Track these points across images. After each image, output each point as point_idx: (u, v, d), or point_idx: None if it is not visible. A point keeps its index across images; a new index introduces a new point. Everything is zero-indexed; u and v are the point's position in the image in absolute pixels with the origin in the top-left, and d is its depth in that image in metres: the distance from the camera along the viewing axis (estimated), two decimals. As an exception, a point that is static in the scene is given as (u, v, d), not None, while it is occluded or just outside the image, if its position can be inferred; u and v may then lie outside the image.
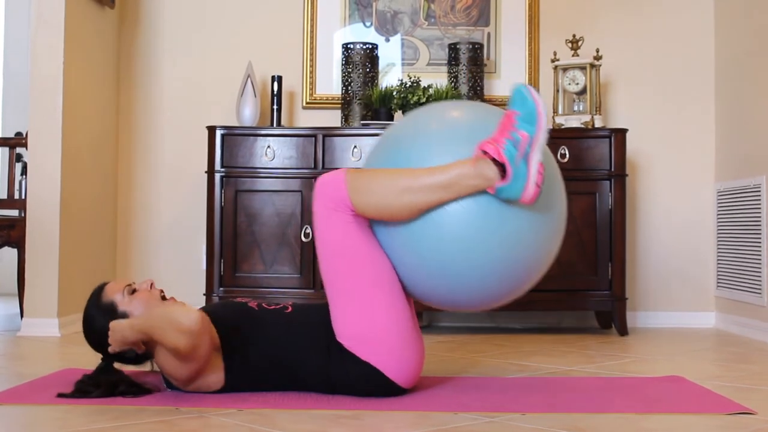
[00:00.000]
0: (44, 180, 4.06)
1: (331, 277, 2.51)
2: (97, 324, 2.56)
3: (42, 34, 4.10)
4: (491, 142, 2.35)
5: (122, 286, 2.61)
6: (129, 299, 2.58)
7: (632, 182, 4.74)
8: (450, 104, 2.95)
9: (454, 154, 2.43)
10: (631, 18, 4.85)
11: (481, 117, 2.62)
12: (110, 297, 2.59)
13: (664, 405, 2.46)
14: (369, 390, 2.52)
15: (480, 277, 2.45)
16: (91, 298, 2.62)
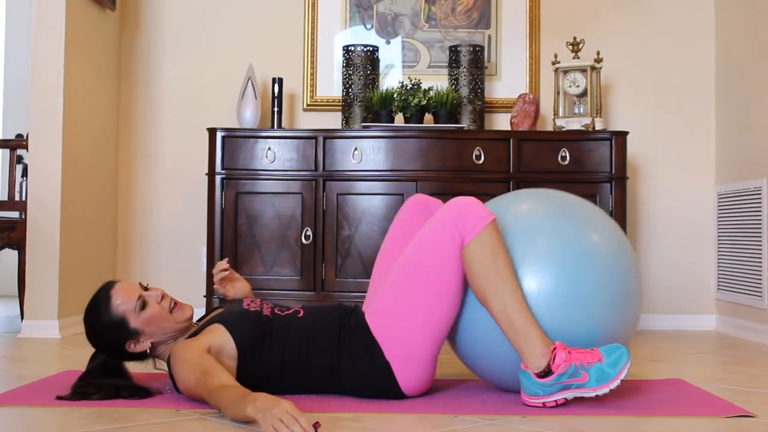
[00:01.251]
0: (45, 182, 4.06)
1: (404, 269, 2.53)
2: (110, 337, 2.55)
3: (42, 36, 4.10)
4: (569, 351, 2.37)
5: (133, 294, 2.55)
6: (139, 315, 2.53)
7: (633, 185, 4.74)
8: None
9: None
10: (631, 20, 4.85)
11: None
12: (121, 310, 2.53)
13: (664, 408, 2.46)
14: (374, 387, 2.53)
15: None
16: (101, 304, 2.55)
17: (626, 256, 2.61)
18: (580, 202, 2.71)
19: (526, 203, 2.68)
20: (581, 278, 2.47)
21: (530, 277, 2.47)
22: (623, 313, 2.55)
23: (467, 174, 4.24)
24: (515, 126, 4.49)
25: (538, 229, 2.56)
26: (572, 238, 2.54)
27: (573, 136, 4.32)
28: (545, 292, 2.45)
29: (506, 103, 4.77)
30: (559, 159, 4.25)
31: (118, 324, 2.53)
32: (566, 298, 2.45)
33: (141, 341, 2.56)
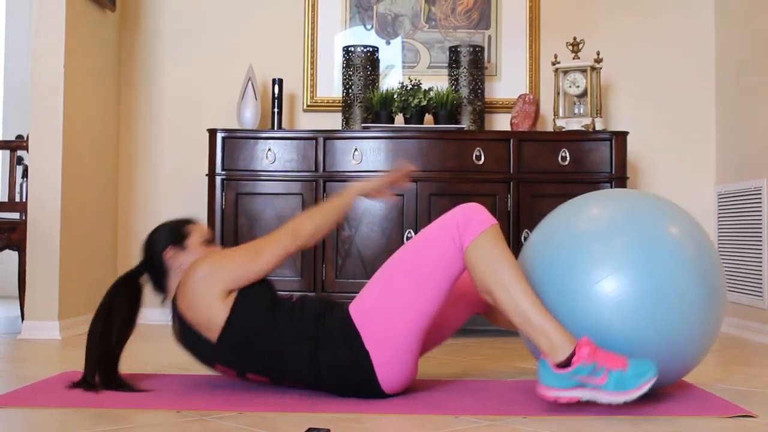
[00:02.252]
0: (45, 183, 4.06)
1: (398, 262, 2.56)
2: (159, 239, 2.75)
3: (42, 36, 4.10)
4: (595, 349, 2.33)
5: (206, 234, 2.77)
6: (200, 243, 2.73)
7: (633, 185, 4.74)
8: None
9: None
10: (631, 20, 4.85)
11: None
12: (193, 226, 2.77)
13: (665, 408, 2.46)
14: (352, 379, 2.52)
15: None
16: (179, 219, 2.81)
17: (709, 251, 2.56)
18: (654, 199, 2.67)
19: (595, 207, 2.64)
20: (665, 278, 2.42)
21: (611, 279, 2.41)
22: (710, 313, 2.51)
23: (467, 174, 4.24)
24: (515, 126, 4.49)
25: (614, 230, 2.51)
26: (652, 236, 2.49)
27: (573, 136, 4.32)
28: (627, 295, 2.40)
29: (506, 103, 4.77)
30: (559, 159, 4.25)
31: (180, 228, 2.76)
32: (650, 300, 2.40)
33: (180, 256, 2.70)
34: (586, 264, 2.45)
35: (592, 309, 2.41)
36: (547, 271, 2.53)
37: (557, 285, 2.48)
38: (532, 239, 2.71)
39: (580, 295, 2.43)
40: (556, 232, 2.61)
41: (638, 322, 2.39)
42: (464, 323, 2.90)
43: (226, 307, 2.55)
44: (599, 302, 2.41)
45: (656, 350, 2.40)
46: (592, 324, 2.41)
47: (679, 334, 2.44)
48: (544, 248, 2.60)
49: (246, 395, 2.58)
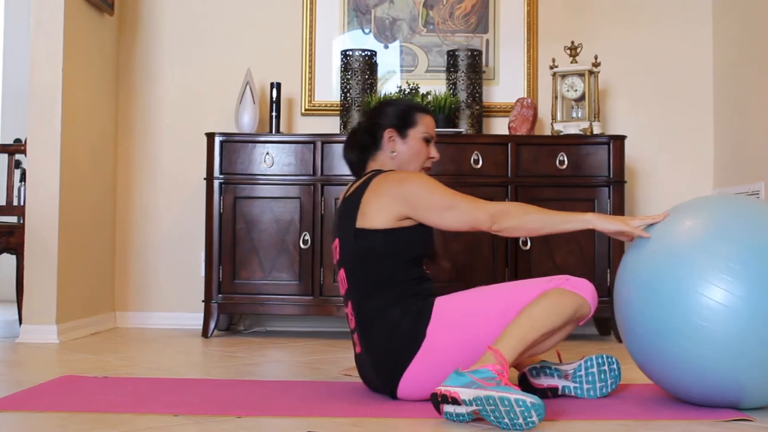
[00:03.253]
0: (43, 186, 4.06)
1: (497, 285, 2.69)
2: (387, 115, 2.80)
3: (41, 41, 4.10)
4: (504, 371, 2.30)
5: (430, 130, 2.80)
6: (416, 140, 2.77)
7: (631, 189, 4.74)
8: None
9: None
10: (629, 25, 4.86)
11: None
12: (418, 120, 2.79)
13: (663, 412, 2.46)
14: (385, 353, 2.57)
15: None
16: (413, 105, 2.89)
17: None
18: (752, 203, 2.61)
19: (690, 219, 2.56)
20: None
21: (720, 287, 2.32)
22: None
23: (466, 178, 4.24)
24: (513, 130, 4.50)
25: (720, 237, 2.42)
26: (754, 238, 2.40)
27: (571, 140, 4.32)
28: (734, 298, 2.31)
29: (504, 107, 4.77)
30: (557, 163, 4.26)
31: (409, 114, 2.79)
32: (758, 304, 2.30)
33: (397, 142, 2.77)
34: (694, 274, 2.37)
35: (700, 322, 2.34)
36: (651, 286, 2.46)
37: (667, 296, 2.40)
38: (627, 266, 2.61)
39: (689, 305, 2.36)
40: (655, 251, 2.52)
41: (749, 334, 2.31)
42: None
43: (390, 222, 2.60)
44: (706, 311, 2.33)
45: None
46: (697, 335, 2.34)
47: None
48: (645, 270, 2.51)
49: (244, 399, 2.58)
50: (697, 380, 2.42)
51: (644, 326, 2.46)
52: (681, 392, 2.54)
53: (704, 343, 2.33)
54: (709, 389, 2.43)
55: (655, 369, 2.54)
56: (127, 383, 2.88)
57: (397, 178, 2.65)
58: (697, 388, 2.45)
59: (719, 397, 2.44)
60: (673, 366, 2.43)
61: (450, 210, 2.58)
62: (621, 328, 2.62)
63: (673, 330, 2.38)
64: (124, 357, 3.63)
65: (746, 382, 2.37)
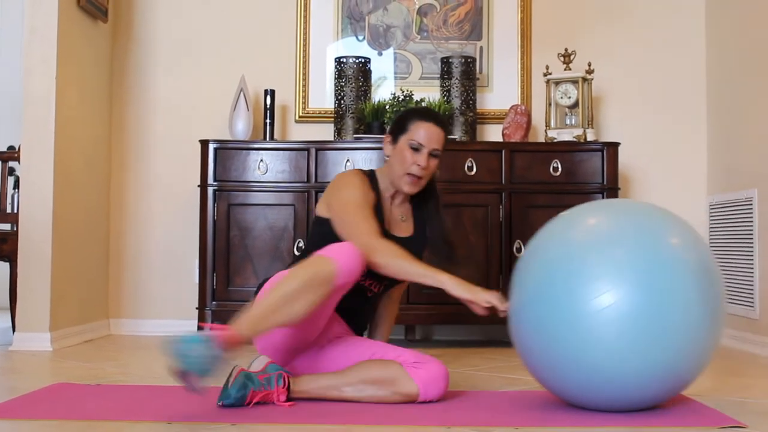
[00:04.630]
0: (37, 194, 4.05)
1: None
2: (393, 122, 2.99)
3: (35, 48, 4.10)
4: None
5: (421, 138, 2.83)
6: (403, 149, 2.85)
7: (624, 196, 4.75)
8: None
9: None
10: (622, 32, 4.87)
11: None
12: (410, 128, 2.86)
13: (656, 419, 2.46)
14: None
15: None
16: (414, 110, 2.99)
17: (709, 261, 2.49)
18: (651, 209, 2.64)
19: (593, 217, 2.59)
20: (667, 289, 2.36)
21: (609, 291, 2.34)
22: (711, 324, 2.43)
23: (459, 185, 4.24)
24: (507, 137, 4.50)
25: (613, 241, 2.45)
26: (651, 246, 2.43)
27: (565, 147, 4.33)
28: (626, 306, 2.33)
29: (498, 114, 4.78)
30: (551, 170, 4.26)
31: (404, 120, 2.89)
32: (651, 311, 2.33)
33: (388, 147, 2.91)
34: (583, 278, 2.40)
35: (590, 325, 2.36)
36: (541, 286, 2.49)
37: (553, 301, 2.43)
38: (525, 254, 2.67)
39: (577, 310, 2.38)
40: (551, 244, 2.58)
41: (637, 336, 2.34)
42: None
43: (324, 212, 2.89)
44: (597, 317, 2.35)
45: (654, 365, 2.37)
46: (588, 338, 2.37)
47: (679, 350, 2.38)
48: (538, 262, 2.56)
49: (238, 407, 2.58)
50: (585, 384, 2.44)
51: (534, 330, 2.49)
52: (571, 397, 2.56)
53: (592, 347, 2.35)
54: (597, 393, 2.45)
55: (544, 373, 2.56)
56: (120, 391, 2.87)
57: (340, 174, 2.93)
58: (586, 392, 2.47)
59: (609, 401, 2.47)
60: (562, 370, 2.45)
61: (343, 222, 2.77)
62: (512, 332, 2.62)
63: (561, 333, 2.40)
64: (118, 364, 3.62)
65: (634, 385, 2.40)
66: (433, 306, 4.15)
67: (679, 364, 2.41)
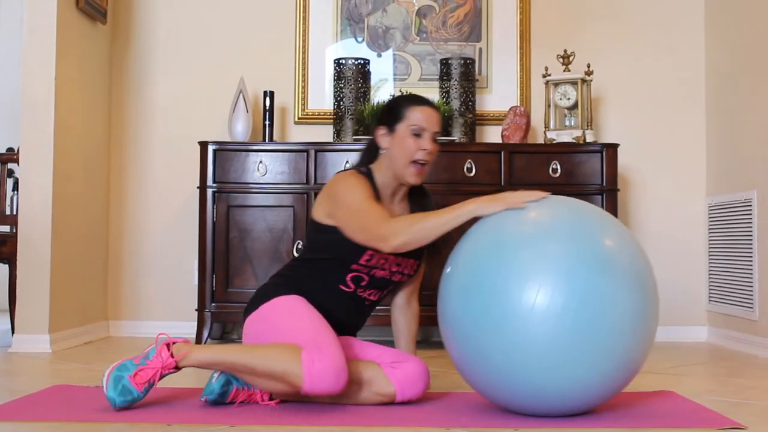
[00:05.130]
0: (36, 196, 4.05)
1: None
2: (381, 114, 2.83)
3: (34, 49, 4.10)
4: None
5: (421, 122, 2.71)
6: (405, 136, 2.72)
7: (623, 197, 4.75)
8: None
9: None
10: (622, 33, 4.87)
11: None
12: (406, 114, 2.73)
13: (656, 420, 2.46)
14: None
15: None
16: (405, 97, 2.84)
17: (643, 263, 2.44)
18: (591, 208, 2.56)
19: (534, 210, 2.47)
20: (598, 287, 2.30)
21: (541, 286, 2.28)
22: (643, 325, 2.37)
23: (459, 186, 4.24)
24: (506, 138, 4.50)
25: (548, 234, 2.39)
26: (586, 243, 2.37)
27: (564, 148, 4.33)
28: (557, 303, 2.27)
29: (497, 115, 4.78)
30: (550, 171, 4.26)
31: (396, 108, 2.76)
32: (582, 310, 2.27)
33: (386, 139, 2.76)
34: (514, 274, 2.33)
35: (521, 322, 2.29)
36: (473, 280, 2.42)
37: (485, 297, 2.36)
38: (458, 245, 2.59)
39: (509, 309, 2.31)
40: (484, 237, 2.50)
41: (569, 336, 2.28)
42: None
43: (322, 218, 2.76)
44: (528, 315, 2.28)
45: (587, 364, 2.31)
46: (518, 336, 2.30)
47: (612, 350, 2.32)
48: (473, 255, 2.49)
49: (237, 409, 2.57)
50: (515, 387, 2.38)
51: (463, 330, 2.43)
52: (501, 400, 2.50)
53: (521, 348, 2.29)
54: (527, 396, 2.39)
55: (474, 376, 2.50)
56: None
57: (335, 178, 2.76)
58: (515, 395, 2.42)
59: (539, 405, 2.41)
60: (493, 373, 2.39)
61: (352, 225, 2.65)
62: (442, 330, 2.58)
63: (490, 334, 2.34)
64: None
65: (567, 388, 2.34)
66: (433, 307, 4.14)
67: (610, 366, 2.34)
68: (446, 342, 2.56)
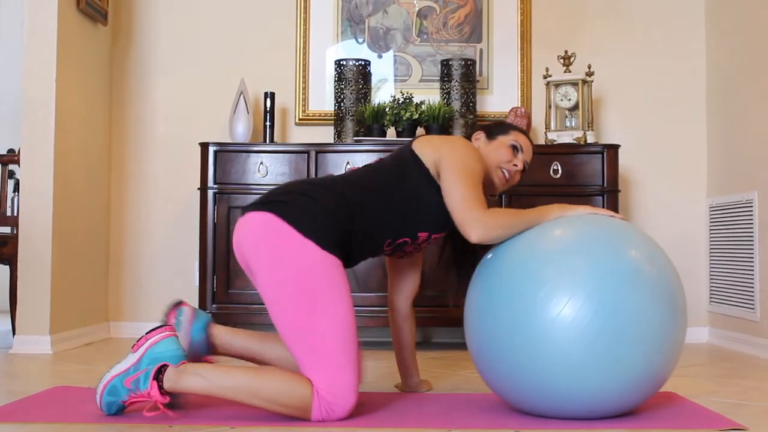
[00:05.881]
0: (37, 197, 4.05)
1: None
2: (493, 124, 2.91)
3: (35, 51, 4.10)
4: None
5: (519, 141, 2.82)
6: (501, 146, 2.80)
7: (624, 198, 4.75)
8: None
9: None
10: (622, 34, 4.87)
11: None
12: (509, 133, 2.83)
13: (656, 421, 2.46)
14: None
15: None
16: (512, 126, 2.88)
17: (671, 275, 2.46)
18: (613, 223, 2.55)
19: (558, 228, 2.52)
20: (627, 301, 2.32)
21: (567, 302, 2.31)
22: (671, 337, 2.40)
23: (459, 187, 4.23)
24: (507, 139, 4.49)
25: (573, 251, 2.42)
26: (612, 258, 2.39)
27: (565, 149, 4.33)
28: (584, 318, 2.29)
29: (498, 116, 4.77)
30: (551, 172, 4.26)
31: (505, 126, 2.86)
32: (610, 325, 2.29)
33: (481, 142, 2.82)
34: (542, 289, 2.35)
35: (548, 335, 2.32)
36: (501, 293, 2.45)
37: (511, 311, 2.39)
38: (487, 257, 2.60)
39: (535, 320, 2.34)
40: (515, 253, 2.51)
41: (596, 347, 2.30)
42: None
43: (431, 165, 2.65)
44: (555, 328, 2.31)
45: (609, 378, 2.33)
46: (541, 348, 2.33)
47: (639, 363, 2.35)
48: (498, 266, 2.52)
49: (238, 410, 2.57)
50: (536, 394, 2.41)
51: (487, 337, 2.46)
52: (523, 406, 2.51)
53: (545, 358, 2.32)
54: (548, 403, 2.41)
55: (497, 381, 2.52)
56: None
57: (457, 138, 2.75)
58: (538, 402, 2.44)
59: (559, 412, 2.43)
60: (513, 380, 2.43)
61: (457, 182, 2.57)
62: (467, 335, 2.59)
63: (514, 342, 2.37)
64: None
65: (586, 398, 2.37)
66: (433, 309, 4.14)
67: (635, 376, 2.36)
68: (473, 348, 2.57)
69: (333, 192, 2.57)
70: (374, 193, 2.62)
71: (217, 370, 2.43)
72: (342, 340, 2.39)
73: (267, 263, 2.45)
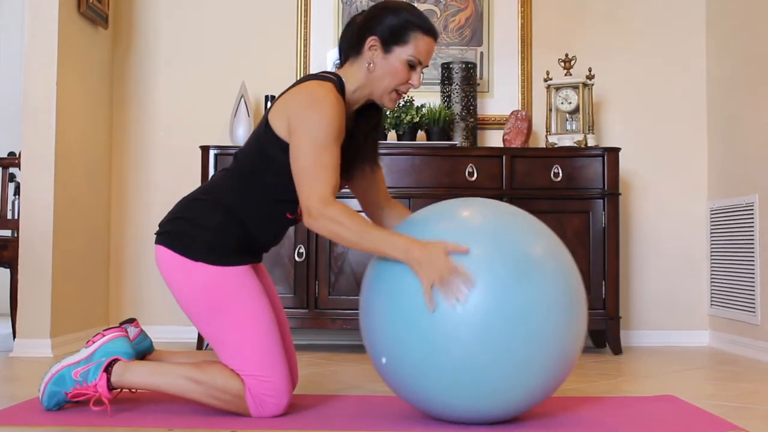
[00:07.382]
0: (37, 200, 4.05)
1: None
2: (380, 20, 2.54)
3: (35, 54, 4.11)
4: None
5: (421, 55, 2.51)
6: (398, 64, 2.51)
7: (625, 201, 4.75)
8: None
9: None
10: (623, 37, 4.87)
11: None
12: (410, 39, 2.51)
13: (657, 424, 2.46)
14: None
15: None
16: (418, 16, 2.54)
17: (571, 269, 2.37)
18: (520, 213, 2.48)
19: (466, 210, 2.43)
20: (525, 291, 2.22)
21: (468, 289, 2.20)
22: (570, 329, 2.29)
23: (460, 191, 4.24)
24: (508, 143, 4.50)
25: (474, 237, 2.30)
26: (513, 247, 2.30)
27: (565, 152, 4.33)
28: (483, 306, 2.19)
29: (499, 119, 4.78)
30: (551, 175, 4.26)
31: (404, 29, 2.51)
32: (508, 313, 2.19)
33: (377, 55, 2.52)
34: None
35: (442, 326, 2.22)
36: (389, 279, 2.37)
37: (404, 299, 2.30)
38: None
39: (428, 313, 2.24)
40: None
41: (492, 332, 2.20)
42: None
43: (283, 132, 2.49)
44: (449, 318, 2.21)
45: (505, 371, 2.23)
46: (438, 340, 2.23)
47: (534, 360, 2.24)
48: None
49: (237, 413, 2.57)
50: (435, 393, 2.30)
51: (384, 335, 2.36)
52: (422, 405, 2.41)
53: (442, 353, 2.22)
54: (447, 400, 2.31)
55: (398, 382, 2.40)
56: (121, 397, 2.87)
57: (309, 87, 2.48)
58: (434, 400, 2.33)
59: (458, 411, 2.32)
60: (414, 379, 2.32)
61: (302, 167, 2.40)
62: (365, 336, 2.49)
63: (409, 337, 2.27)
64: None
65: (486, 393, 2.26)
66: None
67: (534, 372, 2.26)
68: (370, 347, 2.47)
69: (208, 202, 2.57)
70: (245, 185, 2.56)
71: (161, 365, 2.57)
72: (259, 346, 2.49)
73: (174, 291, 2.55)
